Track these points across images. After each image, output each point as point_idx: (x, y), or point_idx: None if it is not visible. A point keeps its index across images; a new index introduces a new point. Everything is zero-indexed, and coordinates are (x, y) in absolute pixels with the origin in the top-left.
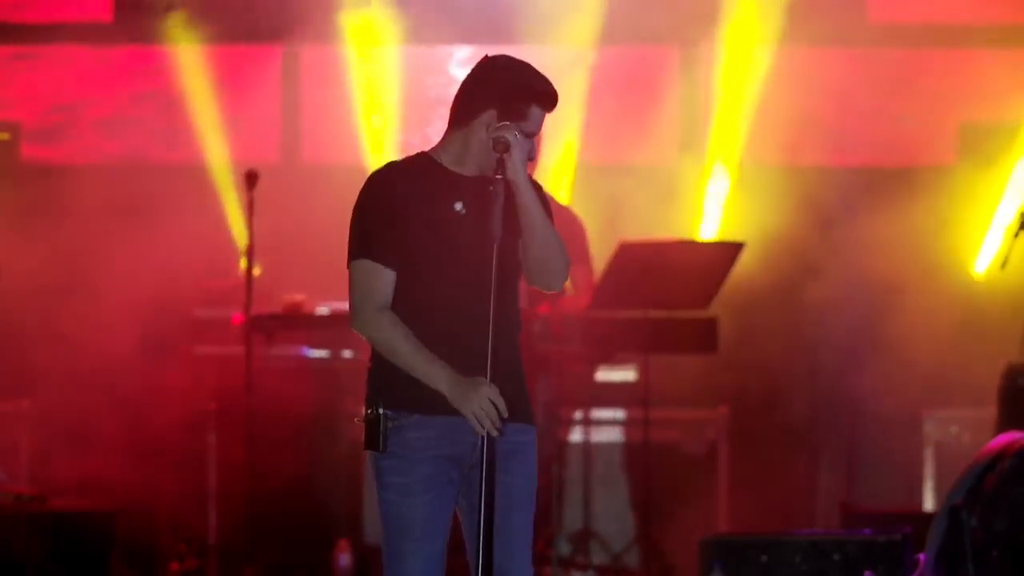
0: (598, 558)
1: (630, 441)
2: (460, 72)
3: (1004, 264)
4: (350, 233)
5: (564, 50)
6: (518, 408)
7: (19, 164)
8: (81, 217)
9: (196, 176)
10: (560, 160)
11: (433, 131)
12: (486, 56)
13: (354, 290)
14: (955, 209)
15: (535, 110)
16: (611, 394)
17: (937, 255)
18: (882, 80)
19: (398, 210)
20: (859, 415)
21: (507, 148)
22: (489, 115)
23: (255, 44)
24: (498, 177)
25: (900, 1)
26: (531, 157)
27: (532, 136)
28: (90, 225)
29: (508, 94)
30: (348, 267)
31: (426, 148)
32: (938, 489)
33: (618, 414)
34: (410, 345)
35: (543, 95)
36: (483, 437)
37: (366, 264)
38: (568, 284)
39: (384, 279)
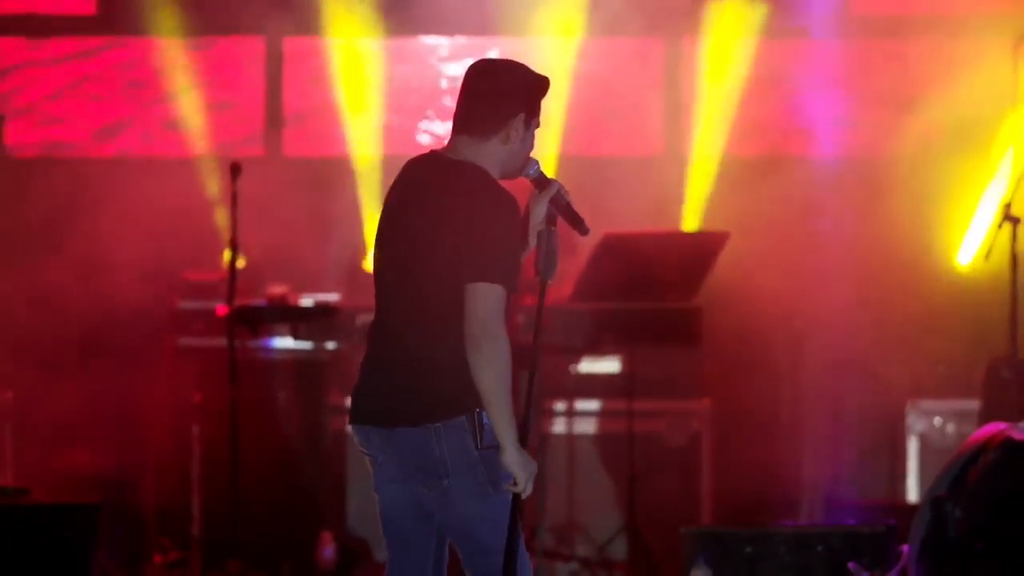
0: (582, 550)
1: (613, 432)
2: (444, 65)
3: (988, 255)
4: (491, 249)
5: (548, 42)
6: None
7: (3, 155)
8: (65, 209)
9: (180, 168)
10: (543, 151)
11: (416, 123)
12: (483, 62)
13: (489, 308)
14: (938, 200)
15: (542, 102)
16: (594, 385)
17: (920, 246)
18: (864, 71)
19: (519, 233)
20: (843, 406)
21: (564, 211)
22: (518, 119)
23: (238, 36)
24: (553, 228)
25: None
26: (532, 149)
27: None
28: (73, 216)
29: (530, 94)
30: (478, 282)
31: (412, 141)
32: (922, 480)
33: (601, 405)
34: (510, 378)
35: (547, 86)
36: (517, 496)
37: (502, 291)
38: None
39: (504, 305)
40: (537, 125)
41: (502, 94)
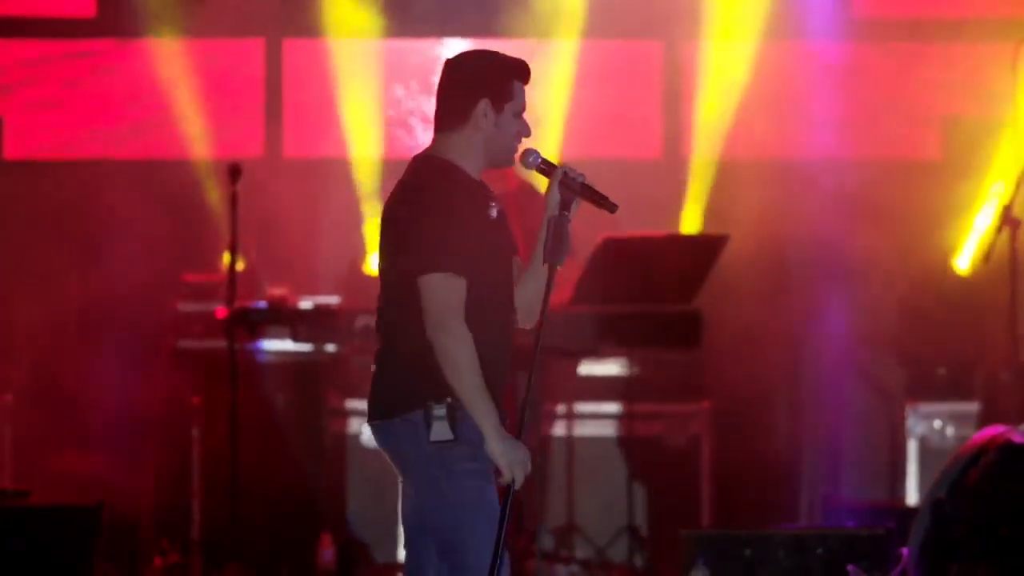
0: (582, 552)
1: (613, 435)
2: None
3: (988, 258)
4: (439, 238)
5: (548, 44)
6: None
7: (1, 159)
8: (64, 212)
9: (179, 170)
10: (544, 154)
11: (415, 125)
12: (451, 57)
13: (440, 299)
14: (938, 203)
15: (517, 85)
16: (594, 388)
17: (921, 249)
18: (865, 74)
19: (476, 217)
20: (842, 409)
21: (580, 192)
22: (483, 104)
23: (238, 38)
24: (565, 213)
25: None
26: (526, 134)
27: (521, 114)
28: (72, 219)
29: (493, 79)
30: (427, 274)
31: (411, 143)
32: (921, 483)
33: (601, 408)
34: (477, 369)
35: (521, 69)
36: (509, 486)
37: (455, 280)
38: None
39: (462, 292)
40: (518, 111)
41: (463, 84)
